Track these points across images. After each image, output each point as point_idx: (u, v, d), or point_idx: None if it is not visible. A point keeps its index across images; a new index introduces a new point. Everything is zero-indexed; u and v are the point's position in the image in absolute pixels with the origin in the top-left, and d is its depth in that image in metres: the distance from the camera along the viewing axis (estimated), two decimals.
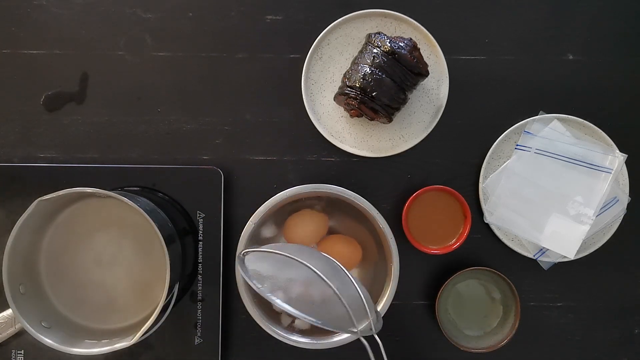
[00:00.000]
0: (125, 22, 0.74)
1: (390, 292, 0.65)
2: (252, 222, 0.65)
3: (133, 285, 0.69)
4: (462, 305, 0.73)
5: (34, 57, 0.74)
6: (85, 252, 0.68)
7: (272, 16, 0.75)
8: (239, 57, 0.75)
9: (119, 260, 0.69)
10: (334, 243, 0.70)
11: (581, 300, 0.75)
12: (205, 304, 0.71)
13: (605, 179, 0.71)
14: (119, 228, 0.69)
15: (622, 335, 0.75)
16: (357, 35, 0.73)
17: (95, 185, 0.60)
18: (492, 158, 0.73)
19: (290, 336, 0.65)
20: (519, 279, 0.73)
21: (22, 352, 0.70)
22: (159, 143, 0.74)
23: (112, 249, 0.69)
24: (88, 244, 0.68)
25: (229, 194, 0.74)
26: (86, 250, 0.68)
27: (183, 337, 0.71)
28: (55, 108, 0.74)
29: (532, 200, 0.72)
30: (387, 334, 0.73)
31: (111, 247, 0.69)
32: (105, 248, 0.68)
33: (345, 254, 0.69)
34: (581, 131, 0.73)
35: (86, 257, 0.68)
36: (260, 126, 0.75)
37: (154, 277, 0.68)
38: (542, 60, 0.75)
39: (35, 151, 0.74)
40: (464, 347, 0.69)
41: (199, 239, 0.71)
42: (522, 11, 0.75)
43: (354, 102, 0.67)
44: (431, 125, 0.73)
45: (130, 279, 0.69)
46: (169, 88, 0.75)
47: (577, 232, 0.71)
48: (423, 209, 0.72)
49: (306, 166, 0.75)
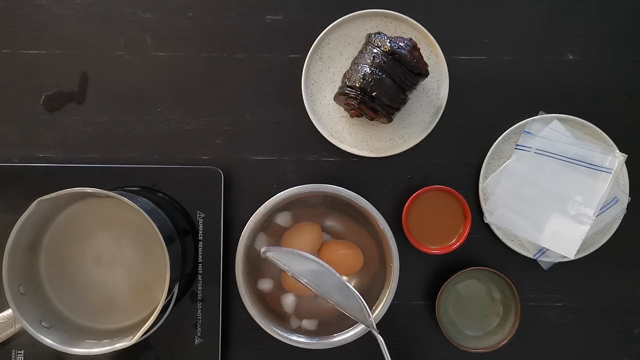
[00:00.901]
0: (125, 22, 0.74)
1: (390, 292, 0.65)
2: (252, 222, 0.65)
3: (133, 285, 0.69)
4: (462, 305, 0.73)
5: (34, 57, 0.74)
6: (85, 252, 0.68)
7: (272, 16, 0.75)
8: (239, 57, 0.75)
9: (119, 260, 0.69)
10: (335, 250, 0.70)
11: (581, 300, 0.75)
12: (205, 304, 0.71)
13: (605, 179, 0.71)
14: (119, 228, 0.69)
15: (622, 335, 0.75)
16: (357, 35, 0.73)
17: (95, 185, 0.60)
18: (492, 158, 0.73)
19: (290, 336, 0.65)
20: (519, 279, 0.73)
21: (22, 352, 0.70)
22: (159, 143, 0.74)
23: (112, 249, 0.69)
24: (88, 244, 0.68)
25: (229, 194, 0.74)
26: (86, 250, 0.68)
27: (183, 337, 0.71)
28: (55, 108, 0.74)
29: (532, 200, 0.72)
30: (387, 334, 0.73)
31: (111, 247, 0.69)
32: (105, 248, 0.69)
33: (346, 261, 0.69)
34: (581, 131, 0.73)
35: (86, 257, 0.68)
36: (260, 126, 0.75)
37: (154, 277, 0.68)
38: (542, 60, 0.75)
39: (35, 151, 0.74)
40: (464, 347, 0.69)
41: (199, 239, 0.71)
42: (522, 11, 0.75)
43: (354, 102, 0.67)
44: (431, 125, 0.73)
45: (130, 279, 0.69)
46: (169, 88, 0.75)
47: (577, 232, 0.71)
48: (423, 209, 0.72)
49: (306, 166, 0.75)
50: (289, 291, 0.69)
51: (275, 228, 0.69)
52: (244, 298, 0.65)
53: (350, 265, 0.69)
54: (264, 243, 0.69)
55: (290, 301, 0.69)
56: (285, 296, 0.69)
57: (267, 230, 0.69)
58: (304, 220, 0.70)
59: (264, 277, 0.69)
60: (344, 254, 0.69)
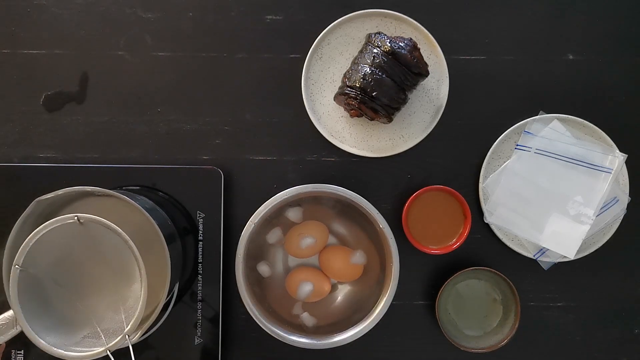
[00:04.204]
0: (125, 22, 0.74)
1: (390, 292, 0.65)
2: (252, 222, 0.65)
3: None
4: (462, 305, 0.73)
5: (34, 57, 0.74)
6: None
7: (272, 16, 0.75)
8: (239, 57, 0.75)
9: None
10: (337, 257, 0.70)
11: (581, 300, 0.75)
12: (205, 304, 0.71)
13: (605, 179, 0.71)
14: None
15: (622, 335, 0.75)
16: (357, 35, 0.73)
17: (96, 184, 0.60)
18: (492, 158, 0.73)
19: (290, 336, 0.65)
20: (519, 279, 0.73)
21: (21, 352, 0.70)
22: (159, 143, 0.74)
23: None
24: None
25: (229, 194, 0.74)
26: None
27: (183, 337, 0.71)
28: (55, 108, 0.74)
29: (532, 200, 0.72)
30: (387, 334, 0.73)
31: None
32: None
33: (347, 270, 0.69)
34: (581, 131, 0.73)
35: None
36: (260, 126, 0.75)
37: (154, 277, 0.68)
38: (542, 60, 0.75)
39: (35, 151, 0.74)
40: (464, 347, 0.69)
41: (199, 238, 0.71)
42: (522, 11, 0.75)
43: (354, 102, 0.67)
44: (431, 125, 0.73)
45: None
46: (169, 88, 0.75)
47: (577, 232, 0.71)
48: (423, 209, 0.72)
49: (306, 166, 0.75)
50: (297, 272, 0.70)
51: (285, 221, 0.69)
52: (244, 298, 0.65)
53: (350, 274, 0.70)
54: (275, 232, 0.69)
55: (305, 289, 0.69)
56: (303, 284, 0.69)
57: (277, 221, 0.69)
58: (314, 219, 0.70)
59: (264, 259, 0.70)
60: (344, 264, 0.69)
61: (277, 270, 0.70)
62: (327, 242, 0.70)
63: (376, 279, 0.68)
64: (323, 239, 0.70)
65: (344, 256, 0.70)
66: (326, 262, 0.70)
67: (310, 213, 0.70)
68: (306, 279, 0.69)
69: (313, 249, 0.69)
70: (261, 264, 0.69)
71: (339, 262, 0.70)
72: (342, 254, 0.70)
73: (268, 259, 0.70)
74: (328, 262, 0.70)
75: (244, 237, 0.65)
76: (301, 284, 0.68)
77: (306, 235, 0.68)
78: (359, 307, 0.69)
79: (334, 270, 0.70)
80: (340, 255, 0.70)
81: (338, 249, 0.71)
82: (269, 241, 0.69)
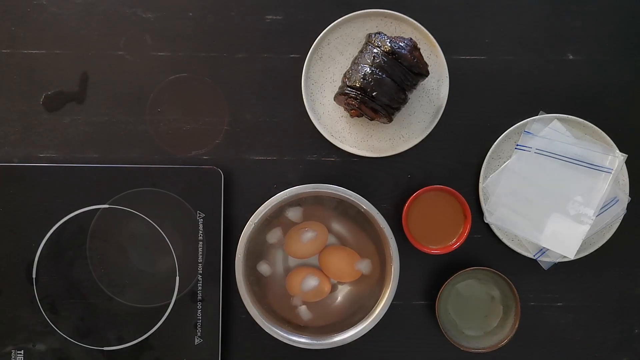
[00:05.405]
0: (125, 22, 0.74)
1: (390, 292, 0.65)
2: (252, 222, 0.65)
3: None
4: (462, 305, 0.73)
5: (34, 57, 0.74)
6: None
7: (272, 16, 0.75)
8: (239, 57, 0.75)
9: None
10: (336, 257, 0.70)
11: (581, 300, 0.75)
12: (205, 304, 0.71)
13: (605, 179, 0.71)
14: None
15: (622, 335, 0.75)
16: (357, 35, 0.73)
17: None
18: (492, 158, 0.73)
19: (290, 336, 0.65)
20: (519, 279, 0.73)
21: (21, 352, 0.70)
22: (159, 143, 0.74)
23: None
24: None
25: (229, 194, 0.74)
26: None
27: (183, 337, 0.71)
28: (55, 108, 0.74)
29: (532, 200, 0.72)
30: (387, 334, 0.73)
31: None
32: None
33: (346, 270, 0.69)
34: (581, 131, 0.73)
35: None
36: (260, 126, 0.75)
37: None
38: (542, 60, 0.75)
39: (35, 151, 0.74)
40: (464, 347, 0.69)
41: (199, 238, 0.71)
42: (522, 11, 0.75)
43: (354, 102, 0.67)
44: (431, 125, 0.73)
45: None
46: (169, 88, 0.75)
47: (577, 232, 0.71)
48: (423, 209, 0.72)
49: (306, 166, 0.75)
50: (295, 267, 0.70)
51: (285, 221, 0.69)
52: (244, 298, 0.65)
53: (349, 275, 0.70)
54: (275, 232, 0.69)
55: (312, 283, 0.69)
56: (308, 278, 0.69)
57: (277, 221, 0.69)
58: (314, 219, 0.70)
59: (264, 259, 0.70)
60: (344, 264, 0.69)
61: (277, 270, 0.70)
62: (327, 242, 0.70)
63: (376, 279, 0.68)
64: (323, 239, 0.70)
65: (344, 256, 0.70)
66: (326, 263, 0.70)
67: (310, 213, 0.70)
68: None
69: (313, 248, 0.69)
70: (261, 264, 0.69)
71: (339, 263, 0.70)
72: (342, 254, 0.70)
73: (268, 258, 0.70)
74: (328, 263, 0.70)
75: (244, 237, 0.65)
76: (307, 277, 0.68)
77: (307, 228, 0.68)
78: (359, 307, 0.69)
79: (334, 271, 0.70)
80: (340, 256, 0.70)
81: (338, 249, 0.71)
82: (269, 241, 0.69)
